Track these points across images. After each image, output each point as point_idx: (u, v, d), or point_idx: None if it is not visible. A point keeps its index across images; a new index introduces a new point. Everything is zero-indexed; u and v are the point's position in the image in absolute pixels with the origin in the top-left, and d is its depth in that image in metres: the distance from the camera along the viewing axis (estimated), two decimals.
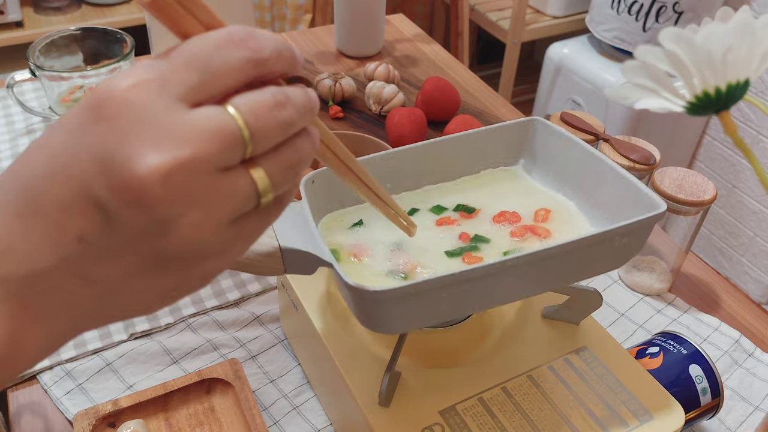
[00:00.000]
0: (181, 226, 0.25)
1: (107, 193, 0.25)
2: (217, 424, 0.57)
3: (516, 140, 0.59)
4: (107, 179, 0.24)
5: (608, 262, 0.46)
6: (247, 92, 0.26)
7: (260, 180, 0.27)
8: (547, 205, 0.55)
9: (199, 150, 0.24)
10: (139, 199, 0.24)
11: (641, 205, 0.47)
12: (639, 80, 0.32)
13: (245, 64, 0.26)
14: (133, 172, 0.24)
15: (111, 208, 0.25)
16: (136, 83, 0.25)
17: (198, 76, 0.25)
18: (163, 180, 0.24)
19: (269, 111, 0.26)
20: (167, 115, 0.25)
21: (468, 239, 0.52)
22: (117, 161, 0.24)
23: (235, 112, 0.26)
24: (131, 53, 0.90)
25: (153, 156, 0.24)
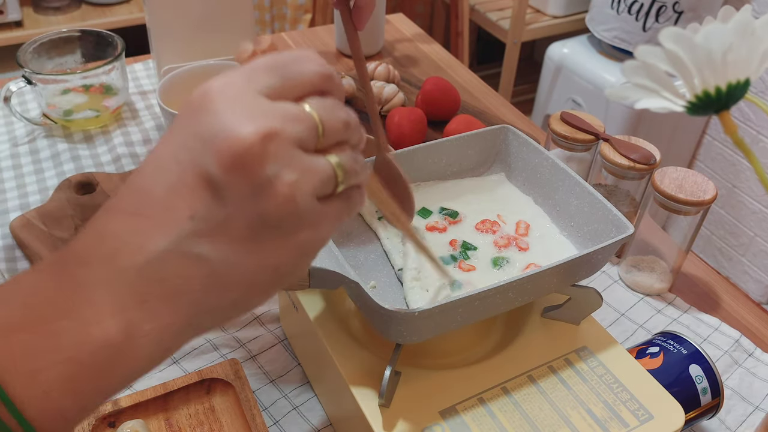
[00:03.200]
0: (279, 184, 0.28)
1: (213, 163, 0.28)
2: (217, 424, 0.57)
3: (490, 148, 0.63)
4: (211, 151, 0.28)
5: (584, 273, 0.53)
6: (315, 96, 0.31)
7: (335, 163, 0.31)
8: (524, 214, 0.60)
9: (286, 125, 0.28)
10: (242, 161, 0.27)
11: (606, 221, 0.54)
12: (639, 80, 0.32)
13: (316, 76, 0.31)
14: (235, 138, 0.27)
15: (217, 177, 0.28)
16: (226, 81, 0.29)
17: (278, 79, 0.30)
18: (261, 142, 0.27)
19: (334, 110, 0.31)
20: (256, 100, 0.29)
21: (456, 246, 0.56)
22: (219, 134, 0.28)
23: (308, 107, 0.30)
24: (122, 55, 0.90)
25: (249, 125, 0.27)
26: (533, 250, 0.56)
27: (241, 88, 0.29)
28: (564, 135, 0.74)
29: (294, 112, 0.29)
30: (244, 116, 0.28)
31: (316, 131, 0.30)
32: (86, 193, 0.79)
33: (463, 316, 0.47)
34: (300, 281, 0.47)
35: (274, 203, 0.28)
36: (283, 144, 0.28)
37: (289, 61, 0.31)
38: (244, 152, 0.27)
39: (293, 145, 0.29)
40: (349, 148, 0.32)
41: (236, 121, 0.28)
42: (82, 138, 0.91)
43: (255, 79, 0.29)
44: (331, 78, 0.32)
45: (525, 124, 0.98)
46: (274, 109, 0.29)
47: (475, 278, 0.53)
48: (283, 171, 0.28)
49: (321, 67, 0.31)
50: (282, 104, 0.29)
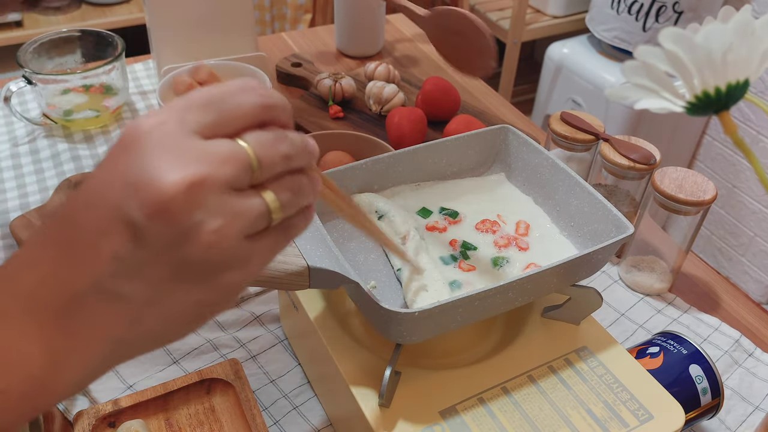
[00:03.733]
0: (202, 232, 0.28)
1: (137, 209, 0.27)
2: (218, 424, 0.57)
3: (490, 148, 0.63)
4: (136, 197, 0.27)
5: (584, 273, 0.53)
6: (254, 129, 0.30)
7: (269, 199, 0.30)
8: (524, 214, 0.60)
9: (216, 169, 0.28)
10: (165, 210, 0.27)
11: (606, 221, 0.54)
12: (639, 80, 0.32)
13: (255, 108, 0.30)
14: (158, 188, 0.27)
15: (141, 223, 0.28)
16: (158, 121, 0.29)
17: (213, 115, 0.29)
18: (185, 191, 0.27)
19: (272, 144, 0.30)
20: (186, 142, 0.28)
21: (456, 246, 0.56)
22: (144, 180, 0.27)
23: (244, 143, 0.29)
24: (122, 55, 0.90)
25: (175, 173, 0.27)
26: (533, 250, 0.56)
27: (172, 128, 0.28)
28: (564, 135, 0.74)
29: (225, 153, 0.28)
30: (171, 162, 0.27)
31: (250, 168, 0.29)
32: None
33: (463, 316, 0.47)
34: (300, 281, 0.47)
35: (197, 249, 0.28)
36: (210, 190, 0.28)
37: (226, 94, 0.30)
38: (167, 202, 0.27)
39: (222, 188, 0.28)
40: (289, 179, 0.31)
41: (162, 168, 0.27)
42: (82, 138, 0.91)
43: (188, 118, 0.29)
44: (272, 108, 0.31)
45: (525, 124, 0.98)
46: (204, 152, 0.28)
47: (475, 278, 0.53)
48: (208, 218, 0.28)
49: (261, 98, 0.30)
50: (215, 143, 0.29)
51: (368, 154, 0.71)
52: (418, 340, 0.47)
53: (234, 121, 0.30)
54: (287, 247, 0.47)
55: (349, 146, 0.77)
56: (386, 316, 0.45)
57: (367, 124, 0.93)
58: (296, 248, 0.47)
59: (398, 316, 0.44)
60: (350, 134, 0.78)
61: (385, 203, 0.58)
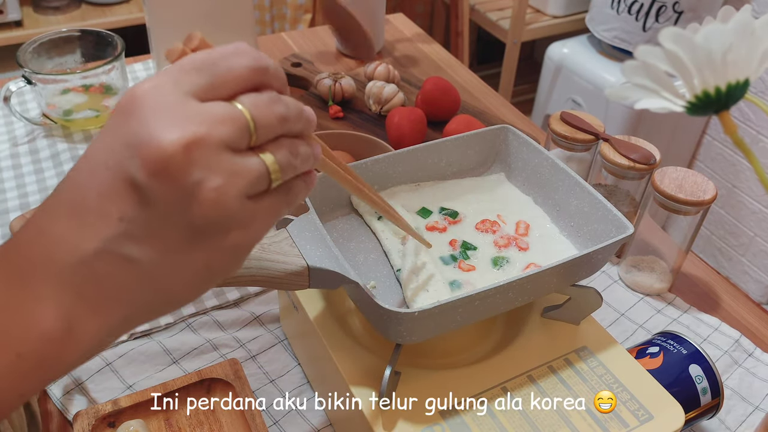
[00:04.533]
0: (204, 190, 0.28)
1: (139, 170, 0.28)
2: (217, 424, 0.57)
3: (490, 148, 0.63)
4: (137, 158, 0.28)
5: (584, 273, 0.53)
6: (249, 93, 0.30)
7: (267, 159, 0.30)
8: (524, 214, 0.60)
9: (213, 129, 0.28)
10: (165, 169, 0.28)
11: (606, 221, 0.54)
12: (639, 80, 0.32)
13: (248, 71, 0.30)
14: (158, 147, 0.27)
15: (144, 184, 0.28)
16: (153, 85, 0.29)
17: (206, 78, 0.29)
18: (184, 150, 0.27)
19: (267, 105, 0.30)
20: (182, 103, 0.28)
21: (456, 246, 0.56)
22: (144, 141, 0.28)
23: (240, 105, 0.30)
24: (122, 54, 0.90)
25: (174, 132, 0.28)
26: (533, 250, 0.56)
27: (168, 91, 0.29)
28: (564, 135, 0.74)
29: (222, 113, 0.29)
30: (169, 122, 0.28)
31: (247, 129, 0.29)
32: None
33: (463, 316, 0.47)
34: (300, 281, 0.46)
35: (199, 208, 0.29)
36: (209, 149, 0.28)
37: (218, 57, 0.30)
38: (167, 160, 0.27)
39: (220, 148, 0.29)
40: (287, 142, 0.31)
41: (160, 128, 0.28)
42: (82, 138, 0.91)
43: (182, 80, 0.29)
44: (265, 71, 0.31)
45: (525, 124, 0.98)
46: (201, 112, 0.28)
47: (475, 278, 0.53)
48: (208, 176, 0.28)
49: (253, 61, 0.30)
50: (211, 105, 0.29)
51: (368, 154, 0.71)
52: (418, 340, 0.47)
53: (228, 83, 0.30)
54: (287, 247, 0.47)
55: (349, 146, 0.77)
56: (386, 316, 0.45)
57: (367, 124, 0.93)
58: (296, 248, 0.47)
59: (398, 316, 0.44)
60: (350, 134, 0.78)
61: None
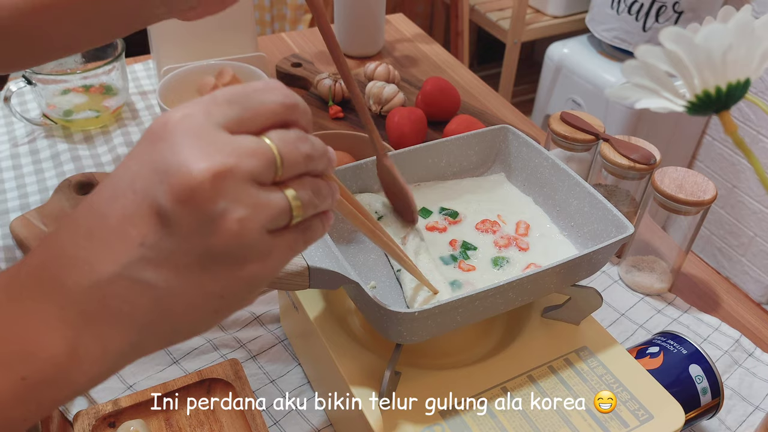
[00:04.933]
0: (227, 221, 0.29)
1: (165, 196, 0.28)
2: (218, 424, 0.57)
3: (490, 148, 0.63)
4: (165, 184, 0.28)
5: (584, 273, 0.53)
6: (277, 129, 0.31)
7: (291, 197, 0.31)
8: (524, 214, 0.60)
9: (241, 162, 0.29)
10: (192, 197, 0.28)
11: (606, 221, 0.54)
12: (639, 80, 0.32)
13: (278, 107, 0.31)
14: (187, 174, 0.28)
15: (169, 209, 0.28)
16: (185, 114, 0.29)
17: (238, 111, 0.30)
18: (212, 180, 0.28)
19: (295, 143, 0.31)
20: (213, 134, 0.29)
21: (456, 246, 0.56)
22: (173, 168, 0.28)
23: (268, 140, 0.30)
24: (122, 55, 0.90)
25: (203, 162, 0.28)
26: (533, 250, 0.56)
27: (199, 120, 0.29)
28: (564, 135, 0.74)
29: (251, 147, 0.29)
30: (199, 152, 0.28)
31: (274, 165, 0.30)
32: (86, 194, 0.79)
33: (463, 316, 0.47)
34: (300, 281, 0.47)
35: (221, 237, 0.29)
36: (236, 181, 0.28)
37: (250, 91, 0.31)
38: (194, 188, 0.28)
39: (247, 180, 0.29)
40: (309, 180, 0.32)
41: (190, 156, 0.28)
42: (82, 138, 0.91)
43: (214, 112, 0.30)
44: (295, 108, 0.32)
45: (525, 124, 0.98)
46: (230, 144, 0.29)
47: (475, 278, 0.53)
48: (233, 207, 0.29)
49: (284, 98, 0.31)
50: (240, 138, 0.29)
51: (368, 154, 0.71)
52: (419, 340, 0.47)
53: (258, 117, 0.30)
54: None
55: (349, 146, 0.77)
56: (386, 316, 0.45)
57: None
58: None
59: (398, 316, 0.44)
60: (350, 134, 0.78)
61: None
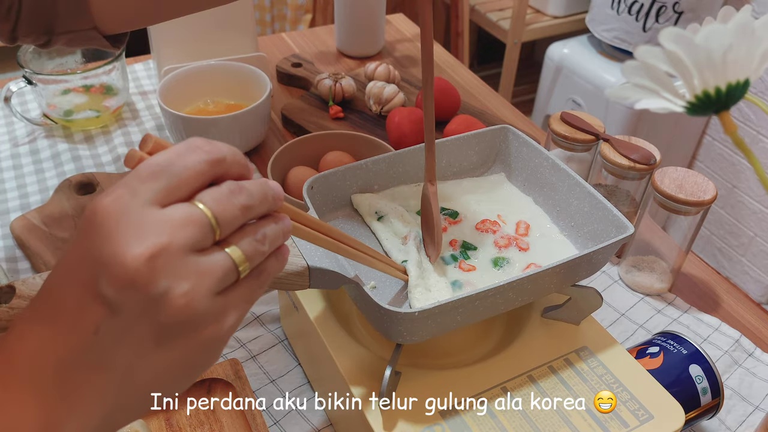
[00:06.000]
0: (172, 297, 0.29)
1: (107, 286, 0.29)
2: (218, 424, 0.57)
3: (490, 148, 0.63)
4: (104, 275, 0.29)
5: (584, 273, 0.53)
6: (209, 188, 0.31)
7: (234, 253, 0.31)
8: (524, 214, 0.60)
9: (174, 236, 0.29)
10: (131, 282, 0.28)
11: (606, 221, 0.54)
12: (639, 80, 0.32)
13: (203, 166, 0.31)
14: (122, 263, 0.28)
15: (113, 297, 0.29)
16: (113, 198, 0.30)
17: (163, 182, 0.30)
18: (147, 262, 0.28)
19: (228, 198, 0.31)
20: (142, 213, 0.29)
21: (457, 246, 0.56)
22: (107, 258, 0.29)
23: (200, 204, 0.30)
24: (122, 55, 0.90)
25: (135, 246, 0.28)
26: (533, 250, 0.56)
27: (126, 202, 0.29)
28: (564, 135, 0.74)
29: (182, 217, 0.29)
30: (131, 236, 0.28)
31: (210, 228, 0.30)
32: (86, 194, 0.79)
33: (463, 316, 0.47)
34: (300, 281, 0.47)
35: (170, 314, 0.29)
36: (172, 256, 0.29)
37: (171, 159, 0.30)
38: (132, 275, 0.28)
39: (184, 252, 0.29)
40: (251, 230, 0.32)
41: (123, 242, 0.28)
42: (82, 138, 0.91)
43: (140, 189, 0.30)
44: (221, 162, 0.31)
45: (525, 125, 0.98)
46: (161, 220, 0.29)
47: (476, 278, 0.53)
48: (175, 283, 0.29)
49: (208, 155, 0.31)
50: (171, 210, 0.30)
51: (368, 154, 0.71)
52: (419, 340, 0.47)
53: (186, 183, 0.30)
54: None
55: (349, 146, 0.77)
56: (386, 316, 0.45)
57: (367, 124, 0.93)
58: (296, 248, 0.47)
59: (398, 316, 0.44)
60: (350, 134, 0.78)
61: (385, 204, 0.58)
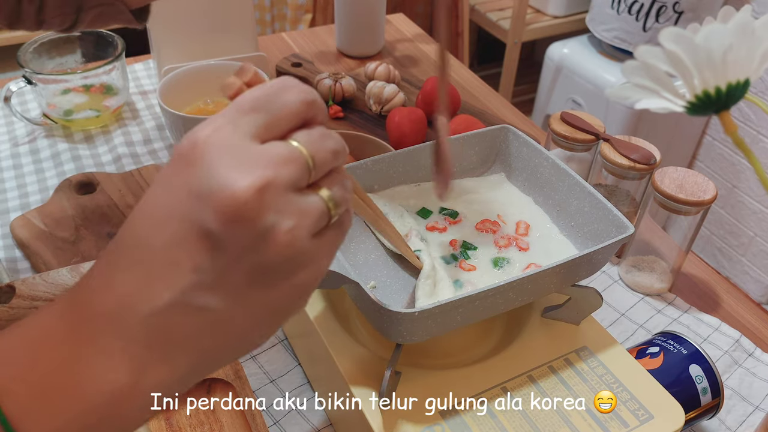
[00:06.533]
0: (278, 233, 0.29)
1: (212, 219, 0.28)
2: (218, 424, 0.57)
3: (490, 148, 0.63)
4: (210, 208, 0.28)
5: (584, 273, 0.52)
6: (302, 129, 0.31)
7: (326, 197, 0.31)
8: (524, 214, 0.60)
9: (279, 171, 0.29)
10: (240, 215, 0.28)
11: (606, 221, 0.54)
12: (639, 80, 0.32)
13: (299, 106, 0.31)
14: (230, 194, 0.27)
15: (218, 232, 0.28)
16: (213, 129, 0.29)
17: (264, 117, 0.30)
18: (256, 195, 0.28)
19: (321, 142, 0.31)
20: (244, 147, 0.29)
21: (457, 246, 0.56)
22: (214, 190, 0.28)
23: (298, 144, 0.30)
24: (122, 54, 0.90)
25: (243, 178, 0.28)
26: (533, 250, 0.56)
27: (228, 135, 0.29)
28: (564, 135, 0.74)
29: (285, 155, 0.29)
30: (236, 168, 0.28)
31: (307, 168, 0.30)
32: (86, 193, 0.79)
33: (463, 316, 0.47)
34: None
35: (274, 251, 0.29)
36: (278, 192, 0.28)
37: (272, 94, 0.31)
38: (241, 207, 0.28)
39: (287, 189, 0.29)
40: (338, 177, 0.32)
41: (229, 175, 0.28)
42: (82, 138, 0.91)
43: (241, 122, 0.29)
44: (313, 104, 0.32)
45: (525, 124, 0.98)
46: (265, 155, 0.29)
47: (476, 278, 0.53)
48: (281, 219, 0.29)
49: (304, 94, 0.31)
50: (272, 146, 0.29)
51: (368, 154, 0.71)
52: (419, 340, 0.47)
53: (282, 120, 0.30)
54: None
55: (349, 146, 0.77)
56: (386, 316, 0.45)
57: (367, 124, 0.93)
58: None
59: (398, 316, 0.44)
60: (350, 134, 0.78)
61: (384, 204, 0.58)
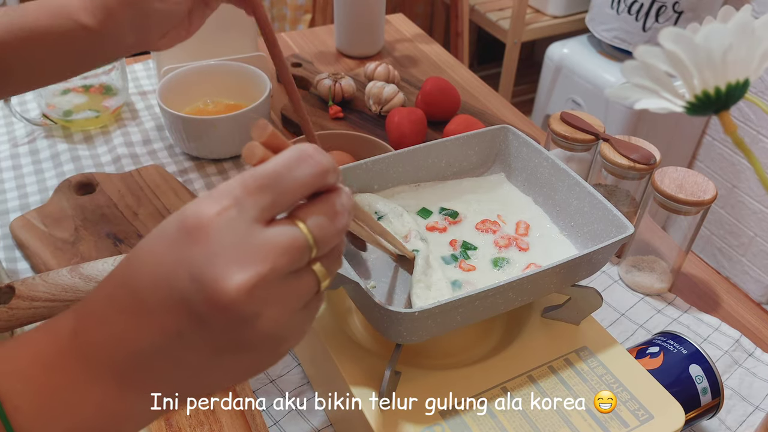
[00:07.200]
0: (262, 321, 0.30)
1: (201, 303, 0.29)
2: (218, 424, 0.57)
3: (490, 148, 0.63)
4: (201, 293, 0.29)
5: (584, 273, 0.53)
6: (311, 205, 0.32)
7: (320, 272, 0.32)
8: (524, 214, 0.60)
9: (276, 263, 0.29)
10: (227, 309, 0.29)
11: (606, 221, 0.54)
12: (639, 80, 0.32)
13: (311, 179, 0.31)
14: (221, 288, 0.29)
15: (205, 314, 0.30)
16: (219, 211, 0.30)
17: (271, 197, 0.30)
18: (247, 293, 0.29)
19: (330, 222, 0.32)
20: (246, 236, 0.29)
21: (457, 246, 0.56)
22: (209, 280, 0.29)
23: (303, 226, 0.31)
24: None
25: (238, 274, 0.29)
26: (533, 250, 0.56)
27: (233, 218, 0.29)
28: (564, 135, 0.74)
29: (286, 243, 0.30)
30: (234, 262, 0.29)
31: (308, 252, 0.31)
32: (86, 194, 0.79)
33: (463, 316, 0.47)
34: None
35: (256, 334, 0.31)
36: (271, 284, 0.29)
37: (283, 171, 0.30)
38: (229, 302, 0.29)
39: (281, 279, 0.30)
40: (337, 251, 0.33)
41: (225, 269, 0.29)
42: (82, 138, 0.91)
43: (247, 205, 0.30)
44: (326, 173, 0.31)
45: (525, 124, 0.98)
46: (266, 245, 0.29)
47: (476, 278, 0.53)
48: (267, 310, 0.30)
49: (317, 167, 0.31)
50: (275, 233, 0.30)
51: (368, 154, 0.71)
52: (419, 340, 0.47)
53: (291, 196, 0.31)
54: None
55: (349, 146, 0.77)
56: (386, 316, 0.45)
57: (367, 124, 0.93)
58: None
59: (398, 316, 0.44)
60: (350, 134, 0.78)
61: (384, 204, 0.58)
